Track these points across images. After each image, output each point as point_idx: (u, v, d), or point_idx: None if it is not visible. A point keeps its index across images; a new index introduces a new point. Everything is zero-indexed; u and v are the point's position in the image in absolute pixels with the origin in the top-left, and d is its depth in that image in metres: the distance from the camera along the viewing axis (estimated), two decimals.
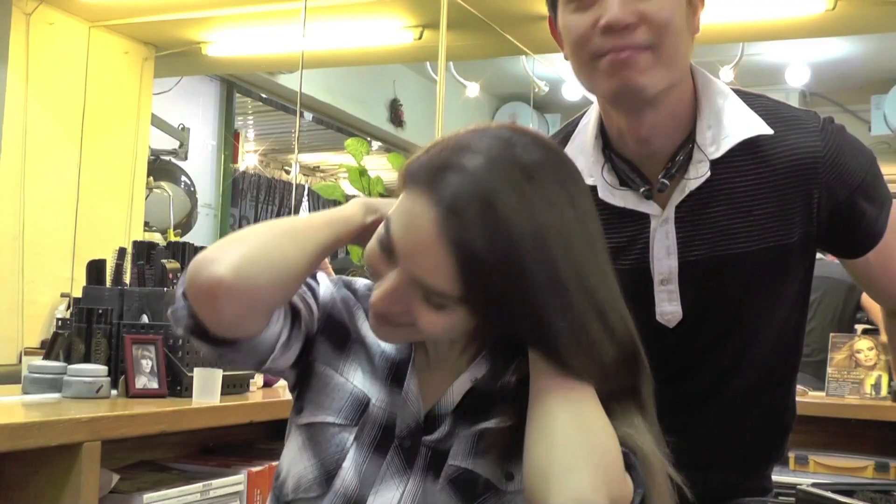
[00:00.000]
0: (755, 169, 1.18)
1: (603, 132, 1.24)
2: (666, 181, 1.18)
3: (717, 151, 1.18)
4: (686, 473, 0.96)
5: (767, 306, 1.24)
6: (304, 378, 1.07)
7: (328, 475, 1.00)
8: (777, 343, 1.28)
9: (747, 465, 1.35)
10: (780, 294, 1.24)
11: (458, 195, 0.87)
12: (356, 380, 1.04)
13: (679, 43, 1.14)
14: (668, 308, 1.22)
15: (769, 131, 1.18)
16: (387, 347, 1.07)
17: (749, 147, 1.18)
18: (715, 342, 1.25)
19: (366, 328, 1.08)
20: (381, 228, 0.95)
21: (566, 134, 1.30)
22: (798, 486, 2.12)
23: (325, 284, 1.10)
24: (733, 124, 1.19)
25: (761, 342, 1.26)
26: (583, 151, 1.24)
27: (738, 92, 1.23)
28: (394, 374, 1.04)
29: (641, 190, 1.19)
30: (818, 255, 1.30)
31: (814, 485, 2.12)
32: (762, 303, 1.23)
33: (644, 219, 1.21)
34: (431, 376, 1.04)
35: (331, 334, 1.07)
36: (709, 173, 1.17)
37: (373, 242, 0.96)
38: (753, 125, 1.19)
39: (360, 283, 1.14)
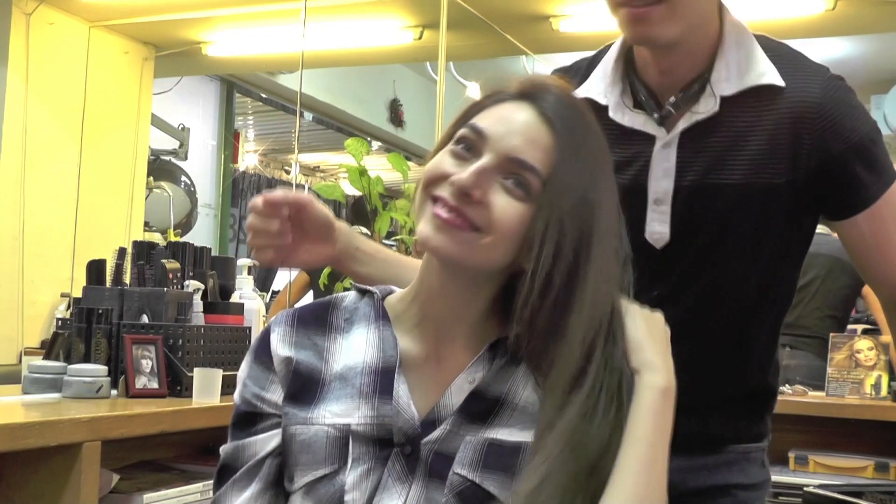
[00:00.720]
0: (757, 108, 1.24)
1: (627, 59, 1.30)
2: (671, 108, 1.25)
3: (728, 91, 1.23)
4: (678, 419, 0.98)
5: (750, 244, 1.27)
6: (283, 446, 1.04)
7: None
8: (760, 286, 1.30)
9: (737, 409, 1.36)
10: (764, 235, 1.27)
11: (559, 103, 1.02)
12: (328, 417, 1.01)
13: None
14: (658, 228, 1.27)
15: (781, 83, 1.23)
16: (369, 360, 1.04)
17: (757, 89, 1.24)
18: (697, 266, 1.28)
19: (341, 355, 1.05)
20: (458, 135, 1.02)
21: (594, 58, 1.36)
22: (805, 488, 2.12)
23: (282, 340, 1.06)
24: (748, 69, 1.24)
25: (742, 280, 1.29)
26: (604, 73, 1.31)
27: (759, 38, 1.28)
28: (381, 385, 1.02)
29: (654, 115, 1.26)
30: (824, 231, 1.32)
31: (820, 486, 2.12)
32: (744, 238, 1.26)
33: (648, 140, 1.26)
34: (424, 377, 1.03)
35: (299, 392, 1.04)
36: (716, 108, 1.23)
37: (444, 157, 1.01)
38: (767, 74, 1.24)
39: (349, 297, 1.11)
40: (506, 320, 1.05)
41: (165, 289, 2.15)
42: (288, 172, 7.81)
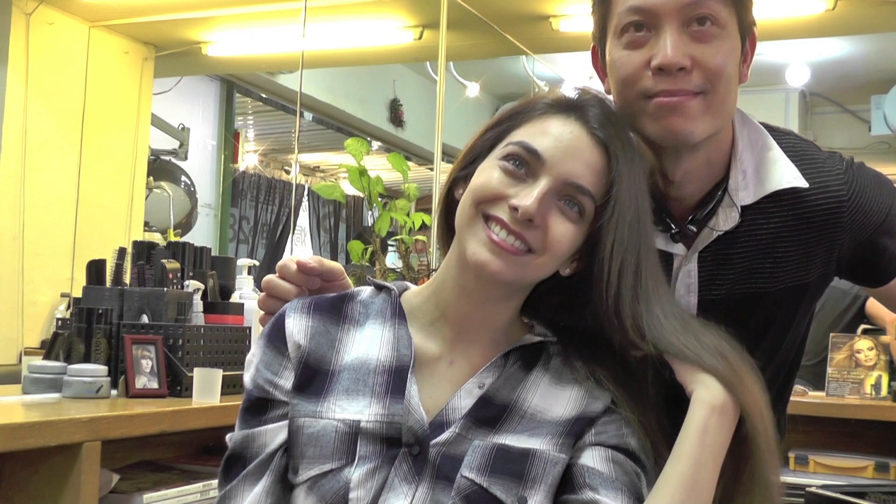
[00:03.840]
0: (779, 213, 1.19)
1: None
2: (693, 227, 1.19)
3: (748, 199, 1.18)
4: None
5: (780, 336, 1.26)
6: (288, 437, 1.04)
7: None
8: (782, 361, 1.30)
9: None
10: (794, 325, 1.26)
11: (605, 119, 1.03)
12: (338, 412, 1.01)
13: (729, 91, 1.13)
14: None
15: (804, 184, 1.18)
16: (383, 358, 1.04)
17: (776, 193, 1.19)
18: None
19: (352, 347, 1.05)
20: (508, 151, 1.02)
21: None
22: (807, 488, 2.11)
23: (297, 326, 1.07)
24: (767, 174, 1.19)
25: (769, 365, 1.26)
26: None
27: (767, 128, 1.23)
28: (393, 384, 1.02)
29: (671, 233, 1.20)
30: None
31: (823, 486, 2.11)
32: (776, 334, 1.25)
33: (667, 257, 1.21)
34: (435, 377, 1.03)
35: (307, 384, 1.04)
36: (738, 220, 1.17)
37: (495, 172, 1.01)
38: (787, 177, 1.18)
39: (365, 291, 1.11)
40: (526, 328, 1.08)
41: (165, 289, 2.15)
42: (288, 172, 7.81)
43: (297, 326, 1.07)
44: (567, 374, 1.05)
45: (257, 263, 5.51)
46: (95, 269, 2.26)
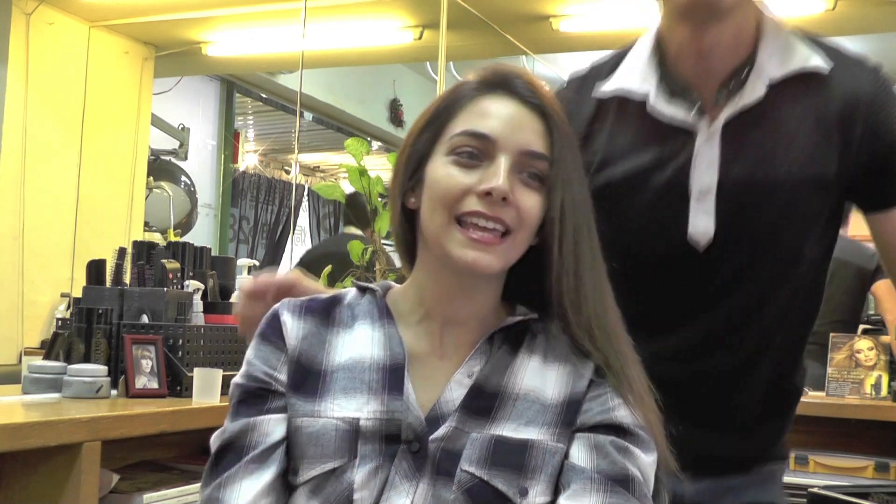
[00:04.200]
0: (804, 99, 1.20)
1: (659, 51, 1.25)
2: (718, 97, 1.20)
3: (776, 73, 1.20)
4: (701, 436, 0.97)
5: (793, 249, 1.24)
6: (287, 438, 1.02)
7: None
8: (793, 300, 1.27)
9: (766, 425, 1.34)
10: (806, 240, 1.24)
11: (533, 88, 1.05)
12: (337, 410, 1.00)
13: None
14: (703, 222, 1.21)
15: (826, 67, 1.20)
16: (377, 357, 1.03)
17: (803, 78, 1.20)
18: (739, 274, 1.24)
19: (343, 348, 1.04)
20: (454, 144, 1.02)
21: (619, 55, 1.31)
22: (810, 489, 2.10)
23: (291, 325, 1.06)
24: (792, 54, 1.22)
25: (780, 291, 1.26)
26: (639, 59, 1.27)
27: (796, 29, 1.26)
28: (390, 382, 1.02)
29: (695, 106, 1.21)
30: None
31: (825, 487, 2.11)
32: (790, 240, 1.23)
33: (687, 134, 1.22)
34: (427, 373, 1.03)
35: (301, 384, 1.03)
36: (763, 93, 1.19)
37: (450, 170, 1.01)
38: (814, 59, 1.21)
39: (350, 294, 1.11)
40: (509, 309, 1.08)
41: (165, 289, 2.15)
42: (288, 172, 7.81)
43: (291, 325, 1.06)
44: (553, 351, 1.04)
45: (257, 263, 5.50)
46: (95, 269, 2.26)
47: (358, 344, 1.05)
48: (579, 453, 0.98)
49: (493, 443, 0.97)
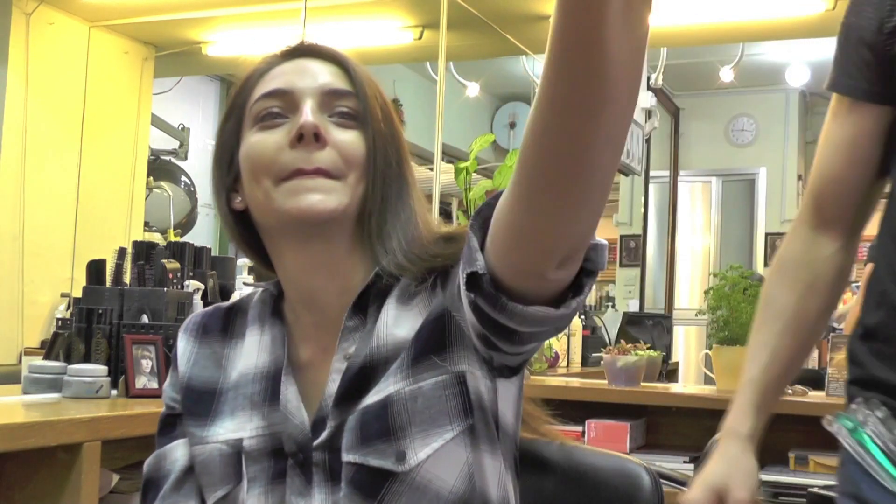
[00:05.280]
0: None
1: None
2: None
3: None
4: None
5: None
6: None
7: None
8: None
9: None
10: None
11: (318, 45, 1.02)
12: (221, 433, 0.96)
13: None
14: None
15: None
16: (261, 364, 0.97)
17: None
18: None
19: (238, 362, 0.99)
20: (255, 113, 0.97)
21: None
22: (810, 489, 2.10)
23: (182, 349, 1.03)
24: None
25: None
26: None
27: None
28: (271, 391, 0.95)
29: None
30: None
31: (825, 487, 2.10)
32: None
33: None
34: (317, 373, 0.95)
35: (193, 409, 1.00)
36: None
37: (258, 136, 0.95)
38: None
39: (247, 297, 1.05)
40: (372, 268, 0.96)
41: (165, 289, 2.15)
42: None
43: (182, 348, 1.03)
44: (412, 288, 0.94)
45: None
46: (95, 269, 2.26)
47: (247, 354, 0.99)
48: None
49: (359, 418, 0.89)
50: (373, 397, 0.90)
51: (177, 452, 1.00)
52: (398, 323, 0.92)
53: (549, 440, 1.09)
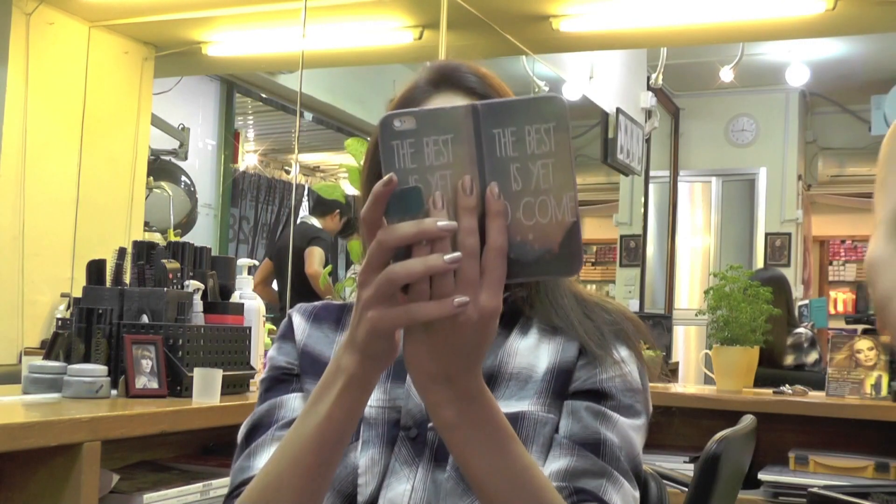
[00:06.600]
0: None
1: None
2: None
3: None
4: None
5: None
6: None
7: (349, 498, 1.00)
8: None
9: None
10: None
11: (479, 75, 1.06)
12: None
13: None
14: None
15: None
16: None
17: None
18: None
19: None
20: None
21: None
22: (810, 489, 2.10)
23: (298, 326, 1.12)
24: None
25: None
26: None
27: None
28: (393, 371, 1.05)
29: None
30: None
31: (825, 487, 2.11)
32: None
33: None
34: None
35: (311, 371, 1.08)
36: None
37: None
38: None
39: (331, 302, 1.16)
40: None
41: (165, 289, 2.15)
42: (288, 172, 7.81)
43: (298, 324, 1.13)
44: (547, 332, 1.05)
45: (257, 263, 5.50)
46: (95, 269, 2.26)
47: None
48: (560, 421, 0.99)
49: None
50: (503, 406, 0.94)
51: (295, 402, 1.07)
52: (532, 354, 1.03)
53: None
